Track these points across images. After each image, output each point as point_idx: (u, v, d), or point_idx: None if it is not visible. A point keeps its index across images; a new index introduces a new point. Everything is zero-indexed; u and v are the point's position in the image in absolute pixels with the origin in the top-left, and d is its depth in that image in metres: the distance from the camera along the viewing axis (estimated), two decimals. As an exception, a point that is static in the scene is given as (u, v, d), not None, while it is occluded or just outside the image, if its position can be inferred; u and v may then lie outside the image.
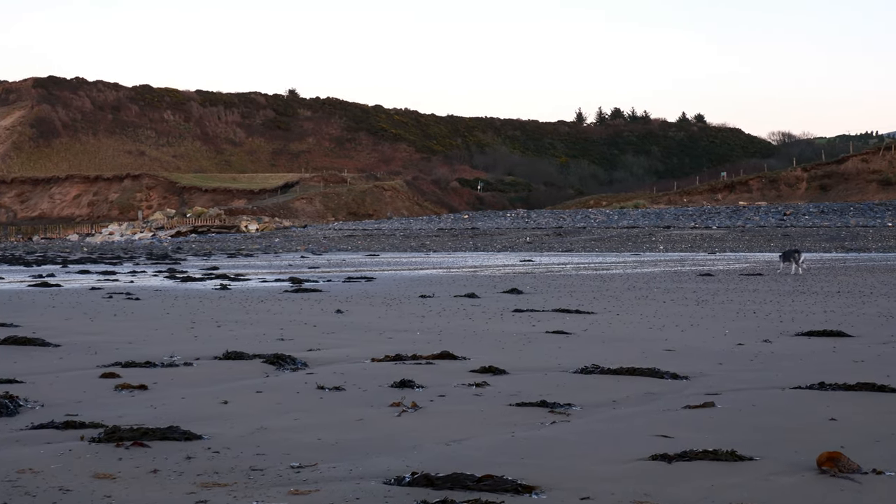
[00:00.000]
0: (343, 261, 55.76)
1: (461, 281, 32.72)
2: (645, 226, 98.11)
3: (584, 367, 12.15)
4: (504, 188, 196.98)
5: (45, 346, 15.01)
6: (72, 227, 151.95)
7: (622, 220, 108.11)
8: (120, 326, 17.95)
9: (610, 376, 11.67)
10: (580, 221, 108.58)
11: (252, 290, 28.91)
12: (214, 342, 15.38)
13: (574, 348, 14.40)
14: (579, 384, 11.20)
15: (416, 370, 12.23)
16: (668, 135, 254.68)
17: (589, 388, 10.97)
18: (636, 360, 13.03)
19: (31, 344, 15.13)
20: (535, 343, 15.06)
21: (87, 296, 26.39)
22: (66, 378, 11.90)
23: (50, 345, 15.02)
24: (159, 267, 47.95)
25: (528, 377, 11.69)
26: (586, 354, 13.64)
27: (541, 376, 11.75)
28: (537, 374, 11.98)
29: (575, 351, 14.05)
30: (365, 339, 15.71)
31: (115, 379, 11.86)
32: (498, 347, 14.59)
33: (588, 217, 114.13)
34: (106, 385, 11.37)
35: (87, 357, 13.81)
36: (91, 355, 13.97)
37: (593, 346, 14.61)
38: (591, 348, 14.40)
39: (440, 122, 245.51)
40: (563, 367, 12.52)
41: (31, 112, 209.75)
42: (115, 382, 11.50)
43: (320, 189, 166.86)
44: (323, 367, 12.77)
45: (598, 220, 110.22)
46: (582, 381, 11.39)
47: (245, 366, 12.85)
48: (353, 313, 20.42)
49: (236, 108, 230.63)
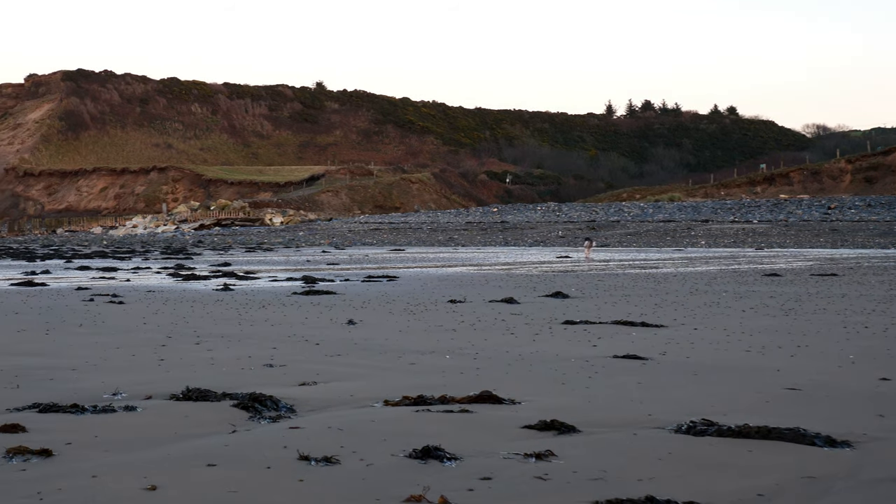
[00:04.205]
0: (366, 256, 52.11)
1: (495, 281, 28.99)
2: (682, 220, 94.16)
3: (689, 424, 8.38)
4: (533, 181, 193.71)
5: (-42, 374, 11.46)
6: (97, 219, 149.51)
7: (657, 213, 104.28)
8: (77, 342, 14.33)
9: (732, 441, 7.92)
10: (613, 215, 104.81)
11: (256, 291, 25.27)
12: (182, 369, 11.77)
13: (658, 384, 10.66)
14: (691, 457, 7.45)
15: (447, 424, 8.55)
16: (700, 127, 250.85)
17: (709, 464, 7.24)
18: (753, 405, 9.34)
19: (-59, 371, 11.58)
20: (603, 375, 11.32)
21: (67, 298, 22.85)
22: (-54, 434, 8.31)
23: (-34, 372, 11.46)
24: (169, 262, 44.50)
25: (609, 440, 7.97)
26: (679, 395, 9.94)
27: (628, 439, 8.04)
28: (621, 433, 8.26)
29: (662, 390, 10.31)
30: (379, 366, 12.04)
31: (13, 435, 8.25)
32: (555, 381, 10.88)
33: (622, 210, 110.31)
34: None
35: (1, 393, 10.21)
36: (9, 390, 10.38)
37: (683, 381, 10.88)
38: (682, 384, 10.68)
39: (468, 114, 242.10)
40: (655, 419, 8.79)
41: (59, 105, 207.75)
42: (11, 442, 7.89)
43: (346, 182, 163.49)
44: (316, 414, 9.12)
45: (632, 213, 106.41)
46: (693, 451, 7.64)
47: (207, 412, 9.21)
48: (367, 325, 16.71)
49: (263, 101, 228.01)
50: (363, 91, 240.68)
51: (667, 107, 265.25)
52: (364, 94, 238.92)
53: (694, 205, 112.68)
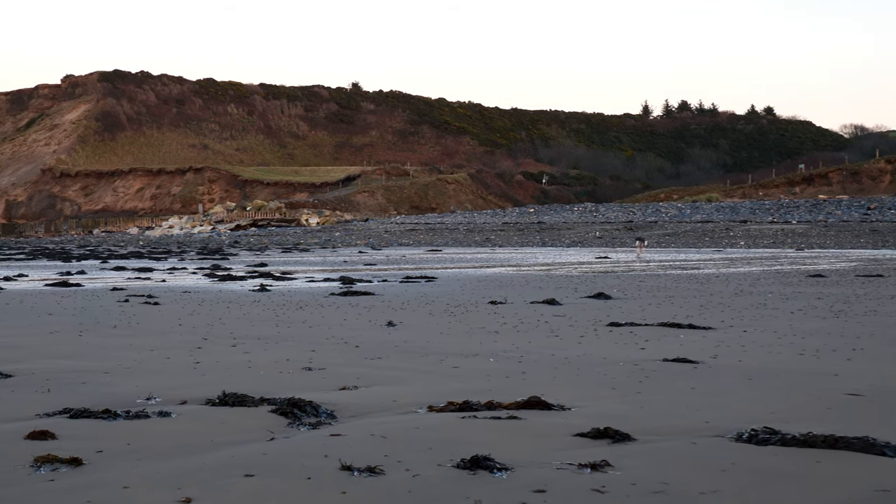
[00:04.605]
0: (403, 257, 51.73)
1: (535, 282, 28.55)
2: (720, 220, 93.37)
3: (751, 433, 7.94)
4: (569, 182, 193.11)
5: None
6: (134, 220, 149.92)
7: (695, 214, 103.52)
8: (111, 345, 14.01)
9: (797, 451, 7.48)
10: (651, 215, 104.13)
11: (294, 292, 24.92)
12: (218, 372, 11.43)
13: (713, 389, 10.22)
14: (756, 468, 7.02)
15: (494, 432, 8.16)
16: (737, 128, 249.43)
17: (775, 476, 6.81)
18: (815, 412, 8.91)
19: (-28, 374, 11.28)
20: (655, 379, 10.88)
21: (102, 299, 22.58)
22: (-27, 440, 7.99)
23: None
24: (205, 263, 44.26)
25: (667, 450, 7.55)
26: (735, 401, 9.50)
27: (687, 448, 7.62)
28: (679, 441, 7.84)
29: (717, 395, 9.87)
30: (421, 370, 11.65)
31: (42, 442, 7.92)
32: (605, 386, 10.46)
33: (659, 211, 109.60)
34: (23, 455, 7.43)
35: (31, 397, 9.90)
36: (40, 395, 10.06)
37: (738, 386, 10.43)
38: (736, 389, 10.23)
39: (504, 115, 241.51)
40: (713, 426, 8.36)
41: (96, 105, 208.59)
42: (40, 450, 7.56)
43: (382, 182, 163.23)
44: (357, 420, 8.74)
45: (669, 214, 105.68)
46: (757, 461, 7.21)
47: (244, 418, 8.86)
48: (407, 326, 16.31)
49: (299, 102, 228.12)
50: (399, 91, 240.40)
51: (703, 107, 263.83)
52: (400, 95, 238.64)
53: (732, 205, 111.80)
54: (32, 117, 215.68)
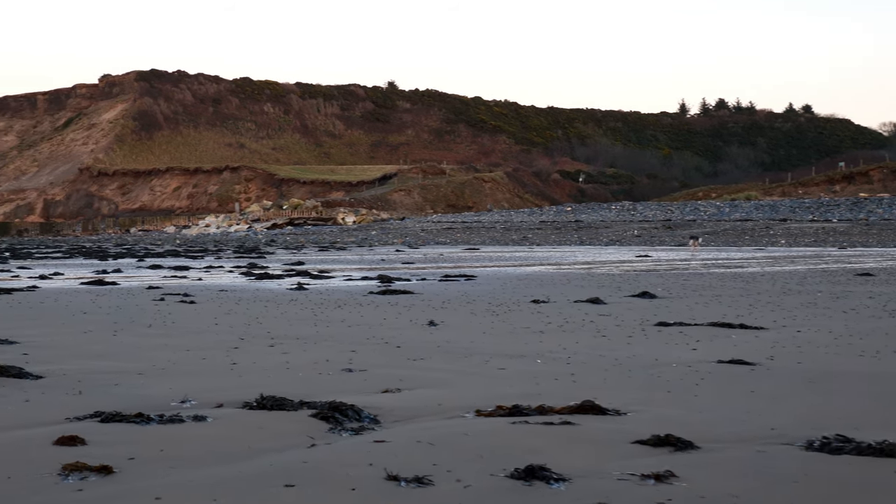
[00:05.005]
0: (440, 255, 51.28)
1: (576, 280, 28.04)
2: (759, 219, 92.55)
3: (823, 440, 7.44)
4: (606, 180, 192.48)
5: (20, 377, 10.80)
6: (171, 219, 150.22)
7: (734, 212, 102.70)
8: (145, 344, 13.63)
9: (874, 461, 6.98)
10: (689, 214, 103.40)
11: (332, 290, 24.50)
12: (256, 373, 11.02)
13: (773, 393, 9.71)
14: (832, 480, 6.51)
15: (548, 438, 7.70)
16: (775, 126, 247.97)
17: (853, 488, 6.32)
18: (887, 418, 8.42)
19: (2, 374, 10.89)
20: (711, 382, 10.38)
21: (137, 297, 22.24)
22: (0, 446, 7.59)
23: (28, 376, 10.81)
24: (241, 261, 43.96)
25: (734, 459, 7.07)
26: (799, 406, 9.01)
27: (754, 457, 7.13)
28: (745, 450, 7.35)
29: (779, 400, 9.36)
30: (465, 371, 11.20)
31: (72, 448, 7.53)
32: (659, 389, 9.97)
33: (697, 209, 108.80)
34: (51, 462, 7.03)
35: (62, 399, 9.52)
36: (71, 397, 9.68)
37: (799, 389, 9.93)
38: (799, 392, 9.73)
39: (540, 113, 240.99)
40: (779, 433, 7.86)
41: (133, 105, 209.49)
42: (69, 457, 7.16)
43: (419, 181, 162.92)
44: (401, 425, 8.31)
45: (708, 212, 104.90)
46: (832, 472, 6.70)
47: (283, 422, 8.44)
48: (449, 326, 15.85)
49: (336, 101, 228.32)
50: (435, 90, 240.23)
51: (741, 105, 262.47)
52: (436, 94, 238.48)
53: (771, 204, 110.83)
54: (70, 117, 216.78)
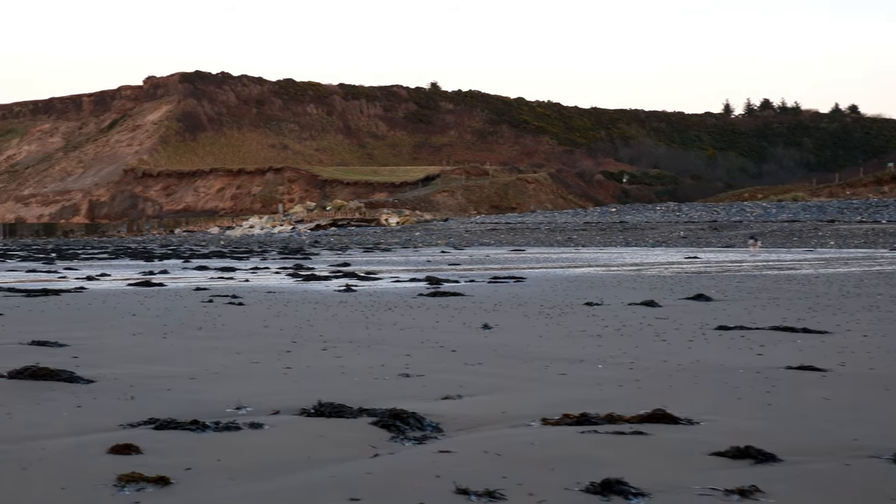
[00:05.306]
0: (486, 256, 50.92)
1: (627, 282, 27.63)
2: (807, 220, 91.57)
3: (913, 453, 7.10)
4: (650, 181, 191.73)
5: (71, 381, 10.55)
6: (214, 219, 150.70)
7: (780, 213, 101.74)
8: (196, 347, 13.39)
9: (973, 476, 6.63)
10: (735, 215, 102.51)
11: (381, 292, 24.22)
12: (310, 378, 10.74)
13: (849, 401, 9.29)
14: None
15: (621, 449, 7.36)
16: (820, 126, 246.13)
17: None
18: (975, 429, 8.02)
19: (53, 378, 10.65)
20: (782, 389, 9.98)
21: (185, 299, 22.04)
22: (54, 454, 7.33)
23: (79, 380, 10.56)
24: (287, 262, 43.78)
25: (820, 473, 6.69)
26: (879, 415, 8.62)
27: (841, 471, 6.76)
28: (830, 463, 6.97)
29: (857, 408, 8.94)
30: (525, 377, 10.87)
31: (127, 458, 7.25)
32: (729, 396, 9.60)
33: (744, 210, 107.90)
34: (106, 472, 6.75)
35: (114, 405, 9.26)
36: (123, 402, 9.42)
37: (876, 397, 9.52)
38: (877, 401, 9.32)
39: (583, 114, 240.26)
40: (864, 445, 7.47)
41: (177, 106, 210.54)
42: (124, 467, 6.89)
43: (462, 182, 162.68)
44: (466, 434, 7.98)
45: (754, 213, 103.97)
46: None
47: (343, 430, 8.13)
48: (504, 329, 15.52)
49: (378, 102, 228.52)
50: (477, 91, 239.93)
51: (786, 105, 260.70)
52: (478, 94, 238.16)
53: (819, 204, 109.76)
54: (115, 118, 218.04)
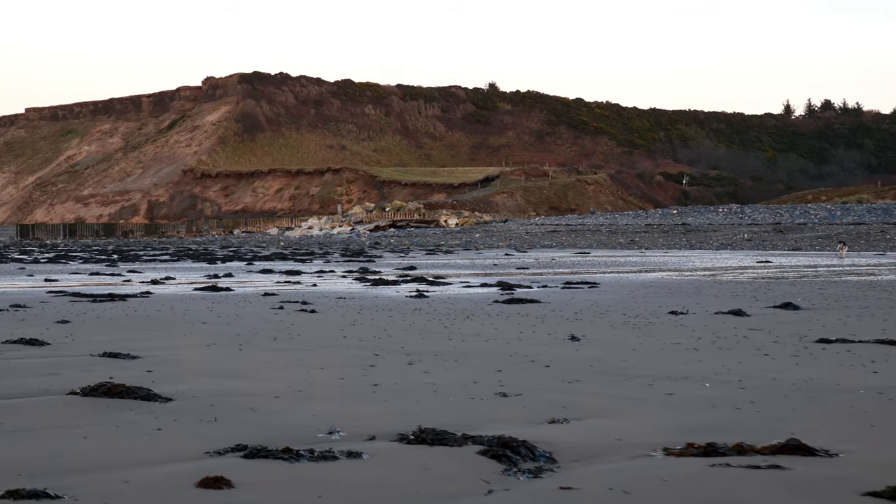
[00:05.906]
0: (552, 260, 50.11)
1: (706, 289, 26.77)
2: (873, 222, 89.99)
3: None
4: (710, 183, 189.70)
5: (148, 399, 9.98)
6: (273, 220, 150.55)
7: (845, 215, 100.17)
8: (275, 361, 12.79)
9: None
10: (799, 217, 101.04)
11: (454, 299, 23.53)
12: (401, 397, 10.08)
13: None
14: None
15: (759, 486, 6.64)
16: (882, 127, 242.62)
17: None
18: None
19: (130, 396, 10.08)
20: (916, 414, 9.25)
21: (255, 305, 21.50)
22: (138, 488, 6.72)
23: (157, 398, 9.99)
24: (351, 265, 43.23)
25: None
26: None
27: None
28: None
29: None
30: (630, 396, 10.15)
31: (218, 492, 6.63)
32: (860, 421, 8.83)
33: (807, 212, 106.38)
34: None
35: (196, 428, 8.65)
36: (206, 424, 8.81)
37: None
38: None
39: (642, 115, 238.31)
40: None
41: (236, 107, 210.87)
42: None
43: (521, 183, 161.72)
44: (584, 467, 7.29)
45: (818, 215, 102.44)
46: None
47: (449, 461, 7.47)
48: (593, 341, 14.78)
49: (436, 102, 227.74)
50: (536, 92, 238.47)
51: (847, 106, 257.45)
52: (537, 95, 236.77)
53: (884, 207, 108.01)
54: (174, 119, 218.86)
